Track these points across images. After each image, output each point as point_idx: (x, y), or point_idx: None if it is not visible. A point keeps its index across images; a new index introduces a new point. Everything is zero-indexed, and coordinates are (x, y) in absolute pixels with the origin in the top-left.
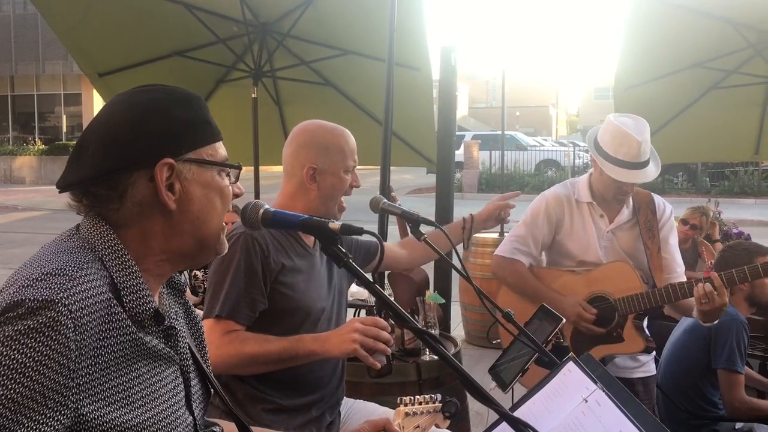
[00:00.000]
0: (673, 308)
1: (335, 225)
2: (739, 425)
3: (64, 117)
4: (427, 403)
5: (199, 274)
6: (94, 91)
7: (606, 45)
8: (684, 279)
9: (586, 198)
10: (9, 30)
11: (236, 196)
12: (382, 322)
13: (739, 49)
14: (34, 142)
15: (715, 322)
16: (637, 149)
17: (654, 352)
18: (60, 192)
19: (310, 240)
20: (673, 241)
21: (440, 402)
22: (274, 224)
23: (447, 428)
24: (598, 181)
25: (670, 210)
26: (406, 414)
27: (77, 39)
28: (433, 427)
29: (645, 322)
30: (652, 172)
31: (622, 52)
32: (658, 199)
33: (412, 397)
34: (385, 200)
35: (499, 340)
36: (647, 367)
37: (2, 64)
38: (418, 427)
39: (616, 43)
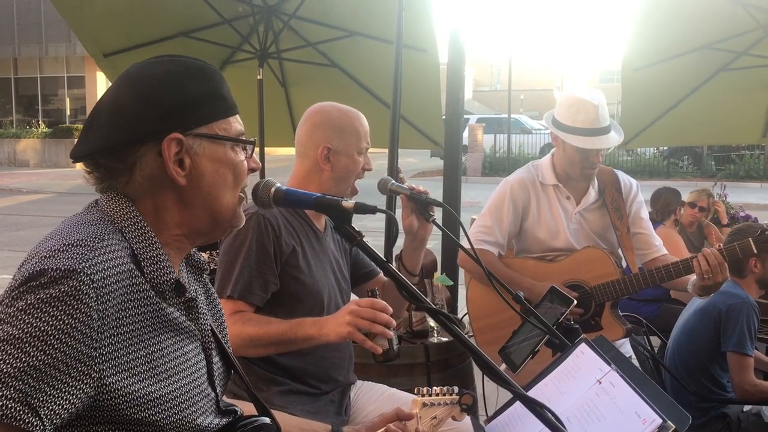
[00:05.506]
0: (669, 285)
1: (349, 203)
2: (747, 408)
3: (68, 100)
4: (444, 395)
5: (205, 256)
6: (98, 74)
7: (612, 28)
8: (664, 252)
9: (551, 180)
10: (12, 12)
11: (252, 170)
12: (380, 303)
13: (749, 30)
14: (38, 124)
15: (728, 304)
16: (594, 113)
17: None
18: (73, 162)
19: (321, 224)
20: (645, 215)
21: (457, 395)
22: (286, 203)
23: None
24: (561, 160)
25: (637, 185)
26: (423, 404)
27: (82, 19)
28: (450, 419)
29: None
30: (614, 138)
31: (631, 32)
32: (622, 175)
33: (429, 388)
34: (393, 181)
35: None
36: (623, 349)
37: (5, 47)
38: (435, 417)
39: (624, 25)
